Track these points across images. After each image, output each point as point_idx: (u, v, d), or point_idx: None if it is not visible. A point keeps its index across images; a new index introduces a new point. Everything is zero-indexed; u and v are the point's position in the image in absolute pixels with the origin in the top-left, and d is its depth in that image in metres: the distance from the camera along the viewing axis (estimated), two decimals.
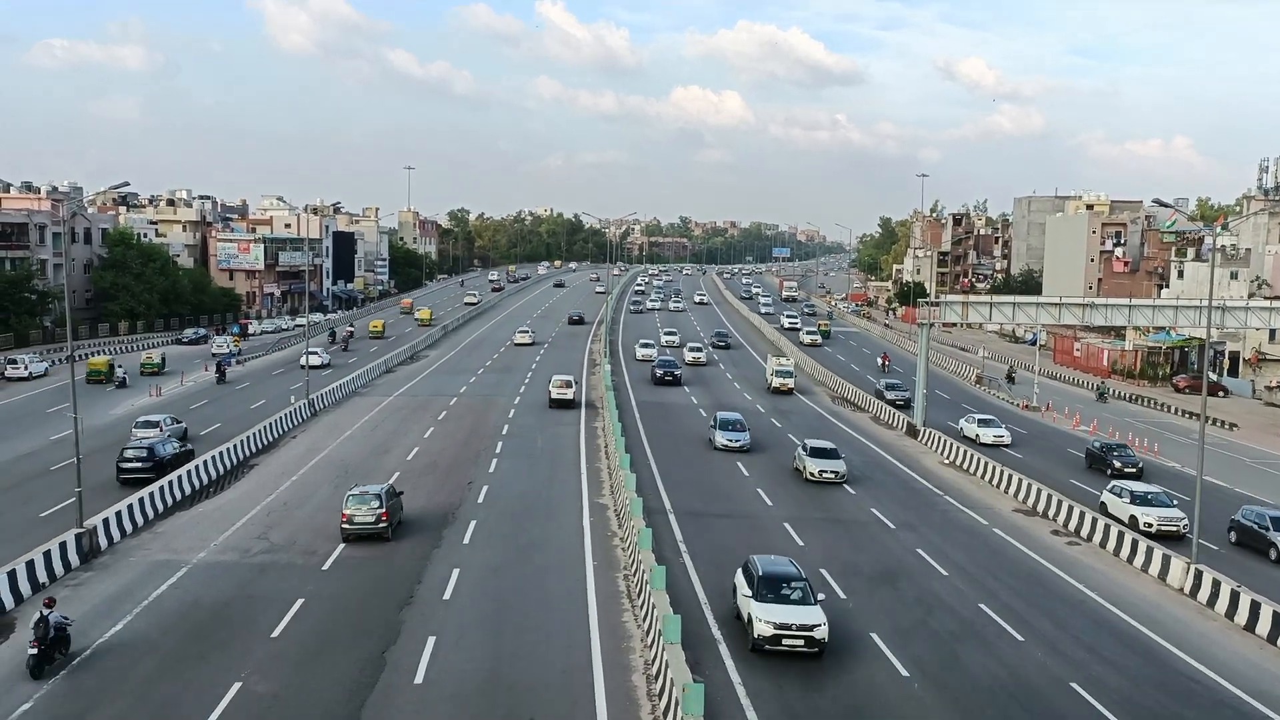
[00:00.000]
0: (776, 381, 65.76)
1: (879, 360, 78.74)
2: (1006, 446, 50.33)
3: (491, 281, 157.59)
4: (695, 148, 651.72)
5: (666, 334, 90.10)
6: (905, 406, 58.95)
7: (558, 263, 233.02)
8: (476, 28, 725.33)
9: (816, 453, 41.42)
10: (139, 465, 37.22)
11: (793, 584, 23.65)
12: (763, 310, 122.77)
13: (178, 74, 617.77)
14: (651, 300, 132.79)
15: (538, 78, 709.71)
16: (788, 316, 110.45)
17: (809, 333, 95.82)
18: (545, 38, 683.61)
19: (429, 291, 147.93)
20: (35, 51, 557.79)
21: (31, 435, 46.11)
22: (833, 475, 40.16)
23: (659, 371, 66.02)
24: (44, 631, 20.79)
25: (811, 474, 40.43)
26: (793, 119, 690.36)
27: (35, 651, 20.67)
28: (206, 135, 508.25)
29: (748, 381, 69.75)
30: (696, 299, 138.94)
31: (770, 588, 23.48)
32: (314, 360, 71.45)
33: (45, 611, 21.08)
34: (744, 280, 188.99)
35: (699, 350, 78.51)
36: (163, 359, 68.14)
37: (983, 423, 52.62)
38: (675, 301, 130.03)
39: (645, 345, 78.88)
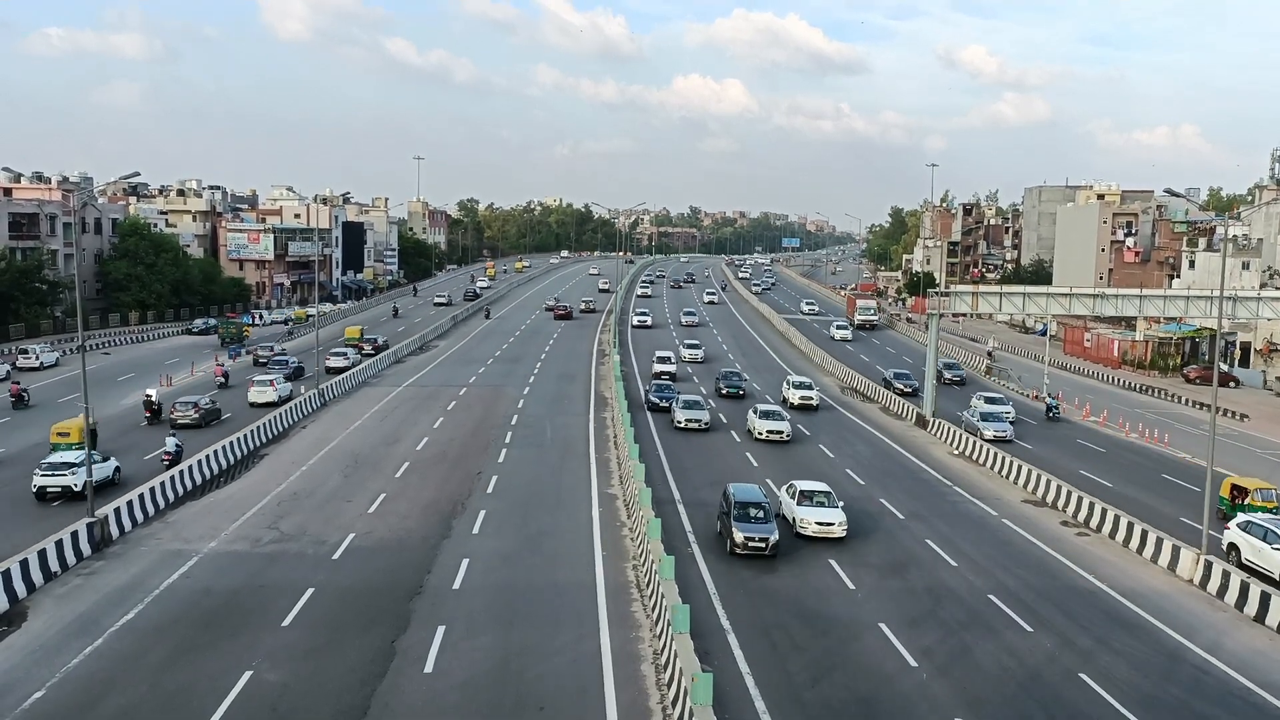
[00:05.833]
0: None
1: None
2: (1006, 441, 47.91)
3: (564, 256, 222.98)
4: (700, 136, 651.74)
5: None
6: (913, 394, 58.89)
7: (623, 253, 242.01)
8: (473, 14, 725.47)
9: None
10: None
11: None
12: (992, 435, 48.70)
13: (177, 62, 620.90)
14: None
15: (538, 65, 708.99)
16: None
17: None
18: (543, 25, 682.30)
19: (437, 282, 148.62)
20: (33, 40, 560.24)
21: (42, 425, 46.27)
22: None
23: None
24: None
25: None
26: (796, 107, 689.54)
27: None
28: (210, 123, 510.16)
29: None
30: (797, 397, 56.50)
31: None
32: (480, 284, 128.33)
33: None
34: (804, 307, 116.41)
35: None
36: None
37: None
38: (771, 419, 47.42)
39: None
